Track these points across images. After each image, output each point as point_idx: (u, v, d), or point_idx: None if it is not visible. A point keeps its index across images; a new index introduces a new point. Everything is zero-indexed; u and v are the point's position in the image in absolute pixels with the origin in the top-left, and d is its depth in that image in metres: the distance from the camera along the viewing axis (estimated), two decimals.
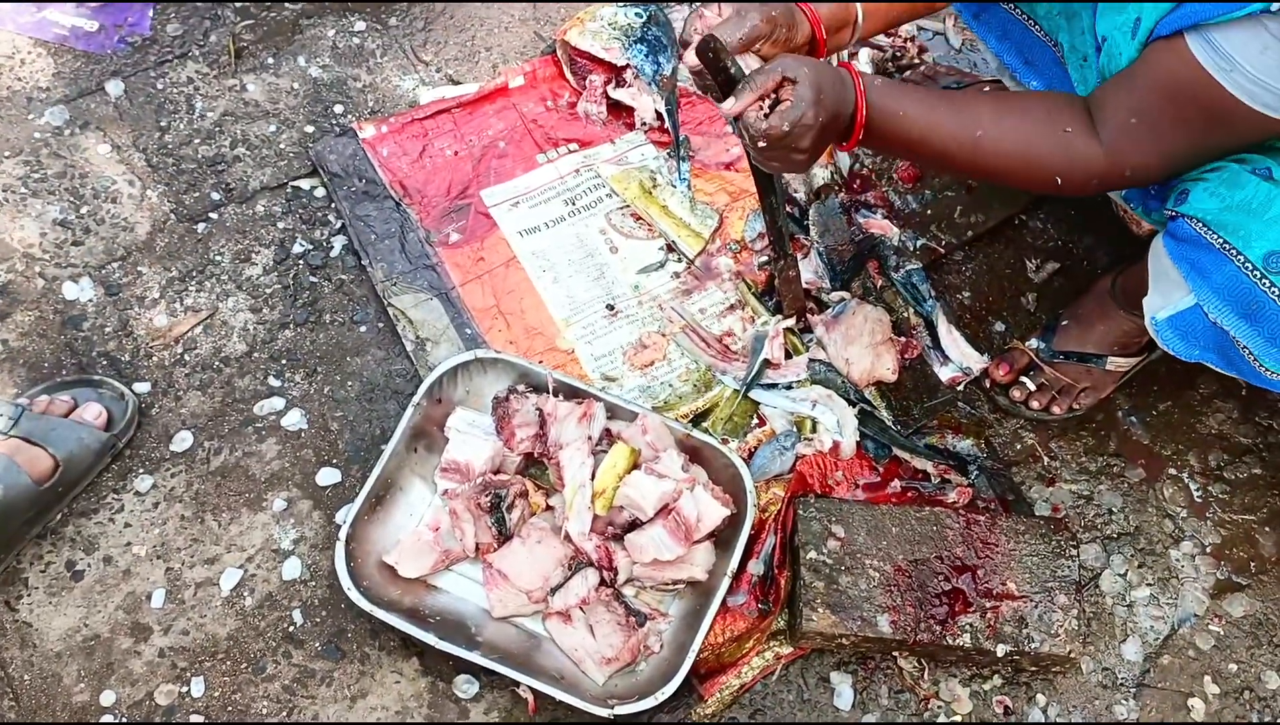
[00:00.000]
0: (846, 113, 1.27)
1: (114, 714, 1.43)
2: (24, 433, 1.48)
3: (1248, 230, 1.22)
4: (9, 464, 1.44)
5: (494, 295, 1.74)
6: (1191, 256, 1.30)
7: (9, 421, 1.48)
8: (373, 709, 1.46)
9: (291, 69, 1.94)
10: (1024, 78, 1.60)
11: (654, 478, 1.48)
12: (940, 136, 1.31)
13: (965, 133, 1.29)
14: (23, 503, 1.45)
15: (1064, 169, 1.28)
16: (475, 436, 1.56)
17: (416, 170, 1.84)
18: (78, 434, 1.51)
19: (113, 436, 1.55)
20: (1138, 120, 1.23)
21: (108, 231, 1.76)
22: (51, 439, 1.49)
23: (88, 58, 1.91)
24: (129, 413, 1.57)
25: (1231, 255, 1.24)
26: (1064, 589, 1.48)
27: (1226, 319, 1.27)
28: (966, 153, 1.30)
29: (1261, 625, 1.58)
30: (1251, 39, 1.09)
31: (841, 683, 1.50)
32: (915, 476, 1.64)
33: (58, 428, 1.50)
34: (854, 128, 1.28)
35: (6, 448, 1.46)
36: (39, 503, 1.48)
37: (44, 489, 1.47)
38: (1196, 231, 1.28)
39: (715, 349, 1.70)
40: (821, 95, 1.22)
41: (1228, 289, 1.26)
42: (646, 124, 1.90)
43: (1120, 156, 1.26)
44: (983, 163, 1.32)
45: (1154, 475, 1.68)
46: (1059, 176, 1.29)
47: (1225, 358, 1.35)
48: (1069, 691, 1.52)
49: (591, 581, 1.47)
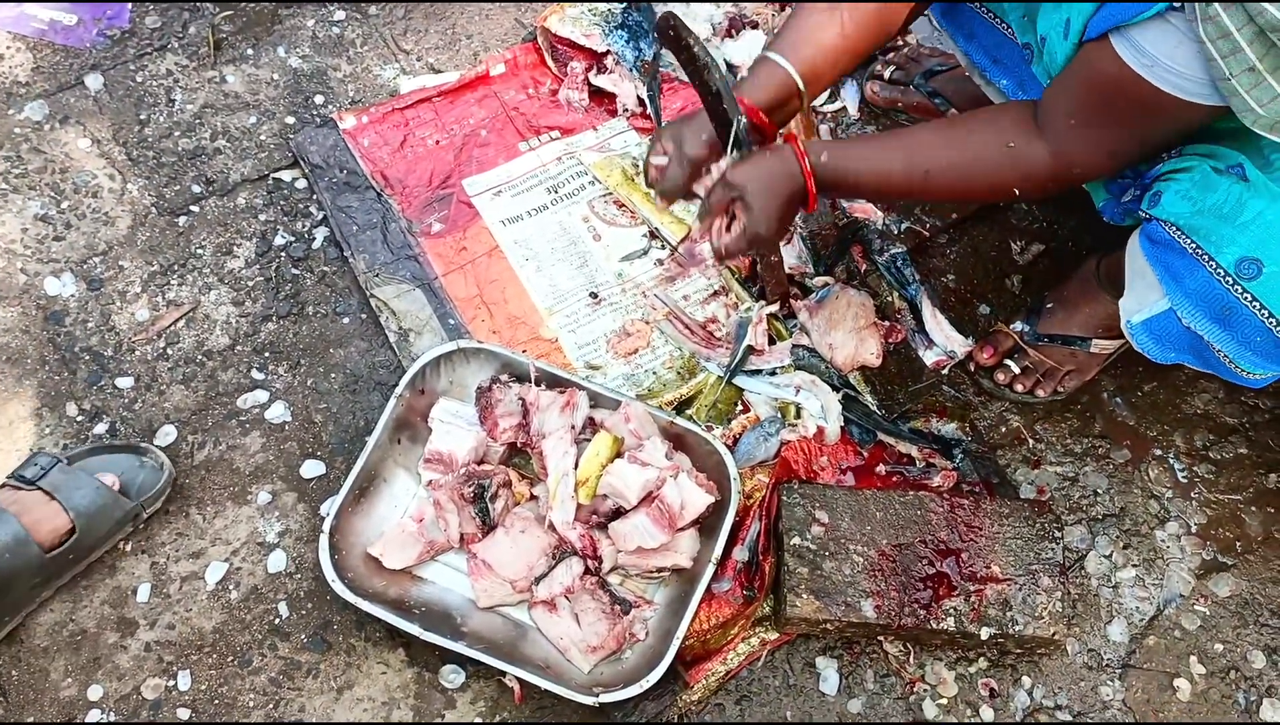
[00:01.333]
0: (798, 192, 1.38)
1: (101, 708, 1.44)
2: (50, 486, 1.43)
3: (1219, 235, 1.23)
4: (18, 529, 1.39)
5: (477, 285, 1.73)
6: (1166, 260, 1.31)
7: (40, 471, 1.44)
8: (359, 700, 1.46)
9: (271, 60, 1.93)
10: (993, 76, 1.61)
11: (637, 466, 1.47)
12: (893, 182, 1.40)
13: (916, 171, 1.37)
14: (30, 570, 1.41)
15: (1016, 180, 1.33)
16: (458, 427, 1.56)
17: (398, 160, 1.83)
18: (103, 500, 1.46)
19: (137, 505, 1.50)
20: (1076, 120, 1.26)
21: (89, 226, 1.76)
22: (74, 501, 1.43)
23: (66, 52, 1.90)
24: (161, 483, 1.52)
25: (1204, 261, 1.25)
26: (1048, 571, 1.48)
27: (1200, 324, 1.28)
28: (919, 189, 1.41)
29: (1247, 605, 1.58)
30: (1164, 36, 1.12)
31: (827, 667, 1.51)
32: (900, 461, 1.64)
33: (84, 488, 1.45)
34: (808, 200, 1.39)
35: (22, 503, 1.41)
36: (48, 570, 1.43)
37: (54, 556, 1.42)
38: (1170, 235, 1.29)
39: (699, 336, 1.70)
40: (770, 193, 1.36)
41: (1200, 295, 1.27)
42: (628, 110, 1.90)
43: (1066, 156, 1.29)
44: (939, 194, 1.47)
45: (1139, 456, 1.68)
46: (1015, 188, 1.34)
47: (1201, 358, 1.37)
48: (1054, 673, 1.53)
49: (576, 570, 1.47)
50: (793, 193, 1.38)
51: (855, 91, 1.96)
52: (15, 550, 1.39)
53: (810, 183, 1.36)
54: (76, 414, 1.61)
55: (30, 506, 1.42)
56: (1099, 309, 1.66)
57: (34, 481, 1.44)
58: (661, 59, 1.90)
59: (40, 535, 1.41)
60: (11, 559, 1.38)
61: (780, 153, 1.36)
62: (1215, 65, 1.08)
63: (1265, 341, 1.25)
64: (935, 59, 1.93)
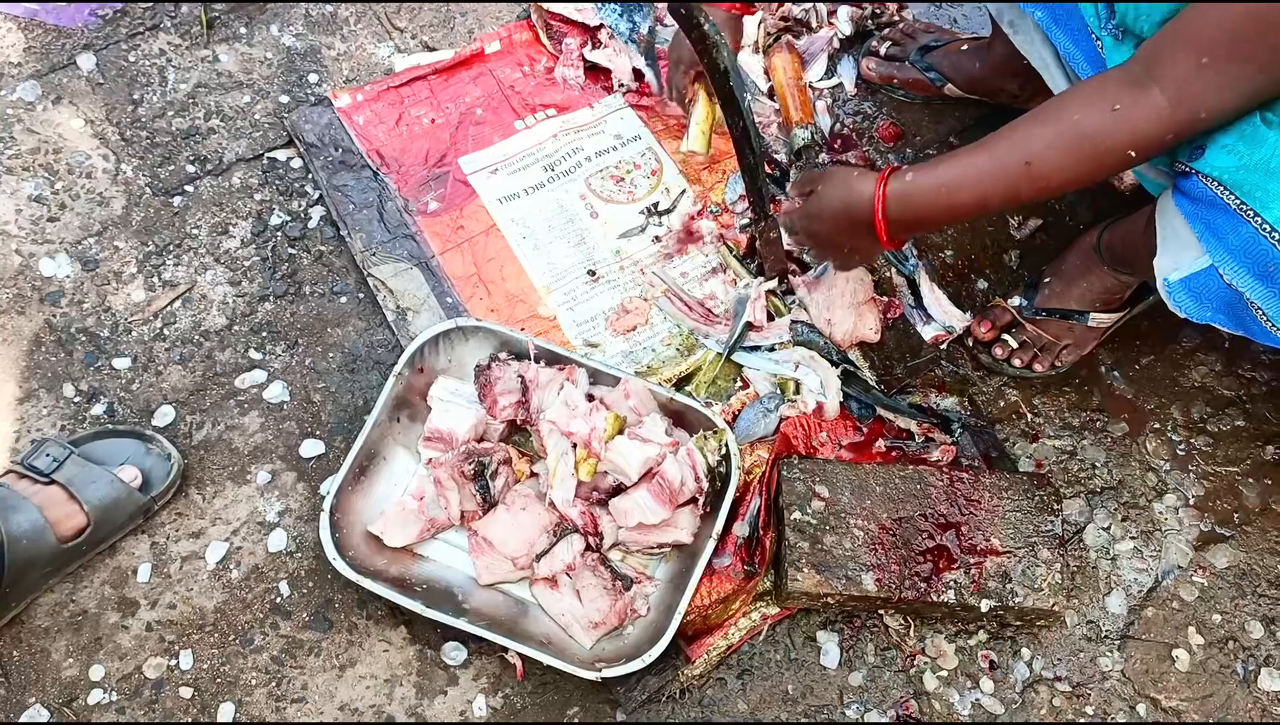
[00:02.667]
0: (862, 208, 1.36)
1: (103, 688, 1.44)
2: (65, 479, 1.44)
3: (1266, 191, 1.18)
4: (38, 519, 1.40)
5: (474, 263, 1.73)
6: (1206, 217, 1.26)
7: (53, 463, 1.44)
8: (361, 678, 1.46)
9: (265, 38, 1.92)
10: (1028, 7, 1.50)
11: (638, 442, 1.47)
12: (992, 183, 1.29)
13: (1013, 164, 1.27)
14: (44, 559, 1.41)
15: (1129, 142, 1.22)
16: (458, 405, 1.56)
17: (393, 139, 1.82)
18: (117, 493, 1.46)
19: (150, 499, 1.50)
20: (1210, 60, 1.16)
21: (83, 207, 1.75)
22: (88, 494, 1.44)
23: (58, 32, 1.89)
24: (171, 476, 1.52)
25: (1249, 217, 1.20)
26: (1047, 544, 1.48)
27: (1243, 281, 1.23)
28: (1025, 186, 1.28)
29: (1245, 576, 1.59)
30: None
31: (828, 641, 1.51)
32: (899, 436, 1.64)
33: (99, 481, 1.45)
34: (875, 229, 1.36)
35: (42, 497, 1.42)
36: (60, 560, 1.44)
37: (68, 548, 1.43)
38: (1211, 191, 1.23)
39: (697, 312, 1.70)
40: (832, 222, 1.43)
41: (1245, 251, 1.22)
42: (624, 86, 1.89)
43: (1192, 103, 1.18)
44: (1046, 184, 1.28)
45: (1137, 429, 1.68)
46: (1129, 151, 1.23)
47: (1235, 318, 1.32)
48: (1053, 645, 1.53)
49: (577, 547, 1.47)
50: (857, 211, 1.37)
51: (852, 68, 1.95)
52: (33, 539, 1.39)
53: (879, 208, 1.33)
54: (74, 395, 1.60)
55: (48, 503, 1.42)
56: (1097, 282, 1.66)
57: (49, 474, 1.43)
58: (656, 33, 1.89)
59: (58, 529, 1.42)
60: (29, 547, 1.39)
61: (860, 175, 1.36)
62: None
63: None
64: (931, 34, 1.92)
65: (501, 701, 1.46)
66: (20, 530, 1.38)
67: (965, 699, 1.49)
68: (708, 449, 1.48)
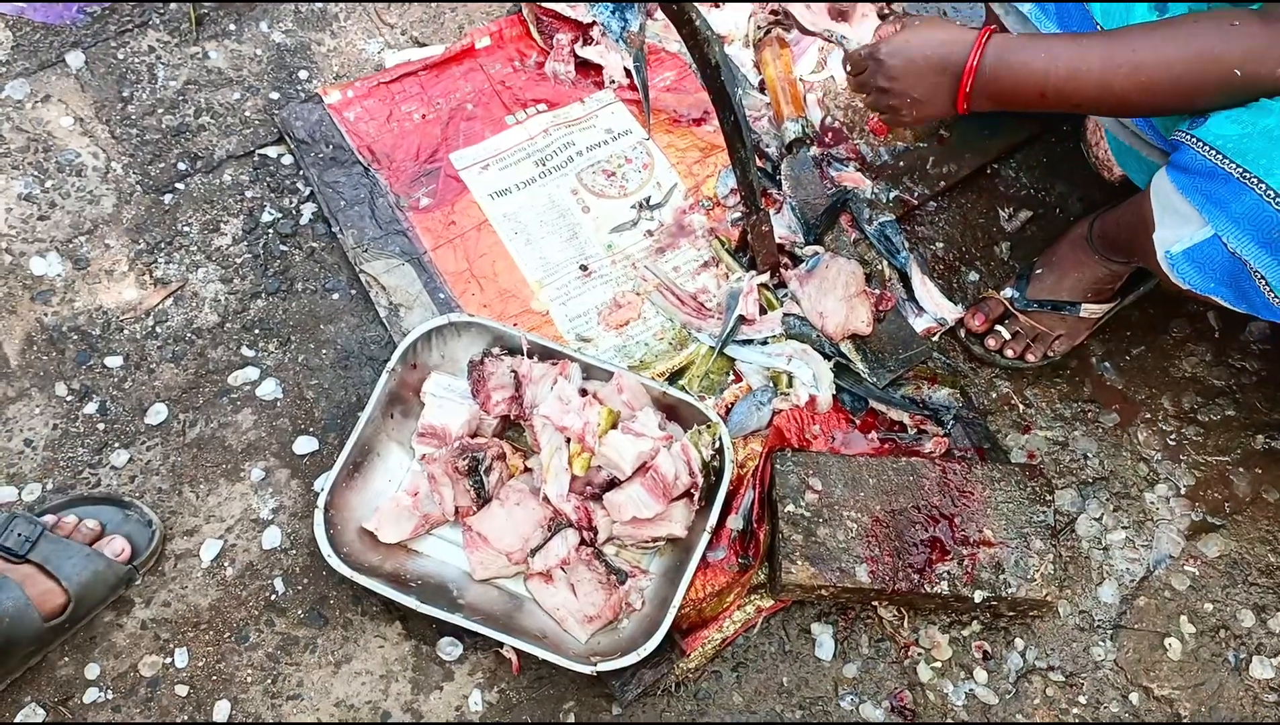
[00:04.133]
0: (953, 67, 1.35)
1: (99, 686, 1.43)
2: (40, 559, 1.39)
3: (1270, 157, 1.19)
4: (20, 596, 1.35)
5: (466, 259, 1.73)
6: (1205, 188, 1.26)
7: (25, 543, 1.39)
8: (357, 674, 1.46)
9: (254, 35, 1.92)
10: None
11: (631, 437, 1.48)
12: (1090, 70, 1.29)
13: (1121, 60, 1.27)
14: (28, 638, 1.38)
15: (1240, 58, 1.21)
16: (451, 401, 1.56)
17: (384, 135, 1.82)
18: (95, 567, 1.42)
19: (131, 568, 1.46)
20: None
21: (73, 205, 1.74)
22: (66, 571, 1.39)
23: (46, 29, 1.88)
24: (154, 543, 1.48)
25: (1252, 184, 1.20)
26: (1040, 534, 1.49)
27: (1247, 249, 1.24)
28: (1123, 84, 1.28)
29: (1236, 565, 1.60)
30: None
31: (822, 633, 1.52)
32: (892, 428, 1.65)
33: (75, 557, 1.41)
34: (959, 87, 1.36)
35: (19, 575, 1.37)
36: (44, 639, 1.40)
37: (51, 627, 1.39)
38: (1211, 162, 1.24)
39: (690, 306, 1.70)
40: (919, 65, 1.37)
41: (1249, 218, 1.23)
42: (616, 82, 1.89)
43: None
44: (1145, 82, 1.27)
45: (1128, 420, 1.69)
46: (1237, 69, 1.22)
47: (1237, 290, 1.32)
48: (1047, 635, 1.54)
49: (571, 541, 1.47)
50: (949, 52, 1.34)
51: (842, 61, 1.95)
52: (16, 617, 1.35)
53: (974, 55, 1.32)
54: (66, 394, 1.60)
55: (26, 580, 1.38)
56: (1088, 273, 1.67)
57: (22, 554, 1.39)
58: (647, 29, 1.89)
59: (39, 607, 1.38)
60: (13, 625, 1.35)
61: (959, 27, 1.33)
62: None
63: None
64: None
65: (497, 696, 1.46)
66: (3, 609, 1.34)
67: (959, 690, 1.50)
68: (702, 443, 1.49)
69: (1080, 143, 1.85)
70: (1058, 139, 1.88)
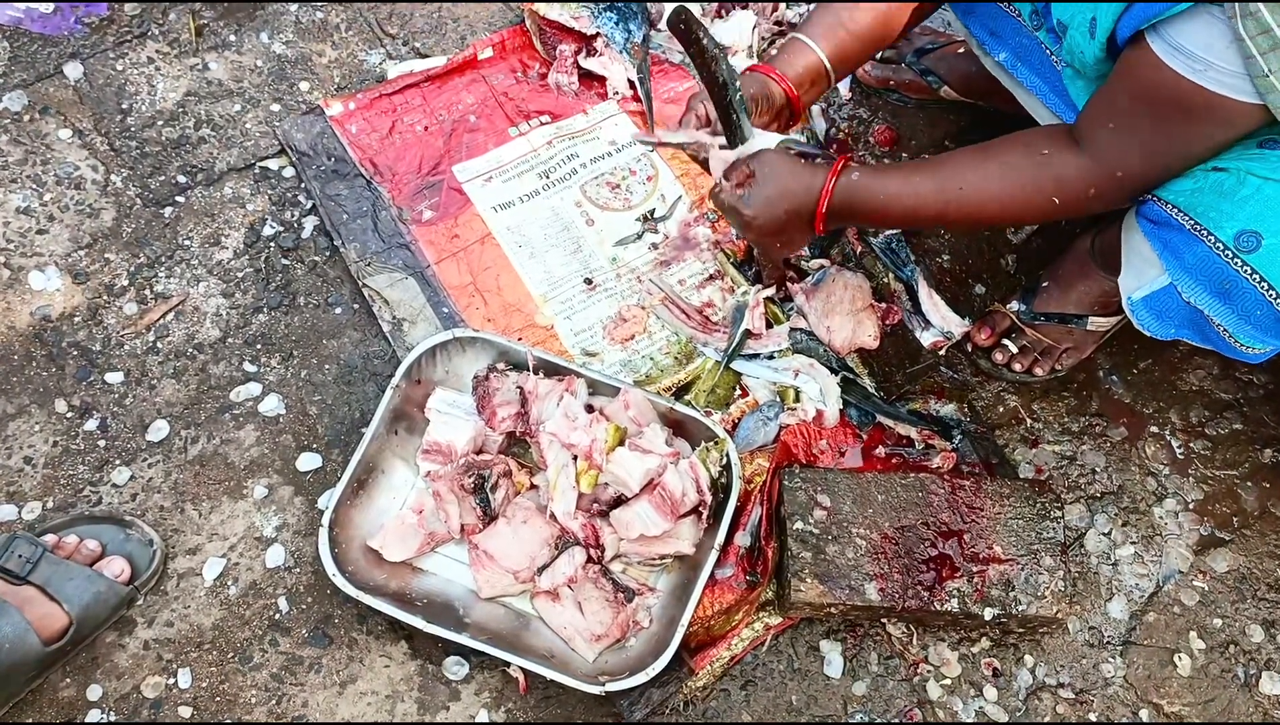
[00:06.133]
0: (805, 204, 1.38)
1: (101, 708, 1.42)
2: (41, 581, 1.37)
3: (1219, 211, 1.23)
4: (20, 621, 1.34)
5: (470, 272, 1.71)
6: (1164, 236, 1.31)
7: (26, 564, 1.38)
8: (362, 694, 1.45)
9: (254, 46, 1.90)
10: (992, 50, 1.58)
11: (638, 453, 1.46)
12: (926, 200, 1.36)
13: (949, 187, 1.34)
14: (29, 663, 1.36)
15: (1054, 189, 1.30)
16: (456, 417, 1.54)
17: (386, 147, 1.81)
18: (96, 588, 1.41)
19: (133, 589, 1.45)
20: (1116, 125, 1.24)
21: (73, 219, 1.72)
22: (67, 593, 1.38)
23: (44, 40, 1.87)
24: (154, 563, 1.47)
25: (1203, 236, 1.25)
26: (1049, 551, 1.48)
27: (1200, 298, 1.28)
28: (955, 207, 1.35)
29: (1245, 580, 1.59)
30: (1202, 29, 1.09)
31: (831, 651, 1.51)
32: (899, 442, 1.64)
33: (76, 579, 1.40)
34: (814, 218, 1.39)
35: (20, 597, 1.36)
36: (45, 663, 1.38)
37: (52, 650, 1.37)
38: (1168, 213, 1.28)
39: (695, 321, 1.69)
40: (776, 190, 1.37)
41: (1200, 269, 1.27)
42: (619, 93, 1.88)
43: (1106, 163, 1.26)
44: (974, 211, 1.35)
45: (1136, 434, 1.68)
46: (1054, 197, 1.30)
47: (1200, 333, 1.37)
48: (1056, 651, 1.53)
49: (578, 559, 1.46)
50: (799, 202, 1.38)
51: None
52: (15, 643, 1.34)
53: (823, 201, 1.37)
54: (66, 410, 1.58)
55: (26, 603, 1.37)
56: (1094, 286, 1.66)
57: (23, 576, 1.37)
58: (651, 40, 1.88)
59: (40, 631, 1.37)
60: (12, 651, 1.34)
61: (804, 167, 1.38)
62: (1254, 62, 1.06)
63: (1265, 315, 1.25)
64: (926, 37, 1.92)
65: (504, 716, 1.45)
66: (3, 635, 1.33)
67: (969, 707, 1.49)
68: (710, 460, 1.47)
69: None
70: None
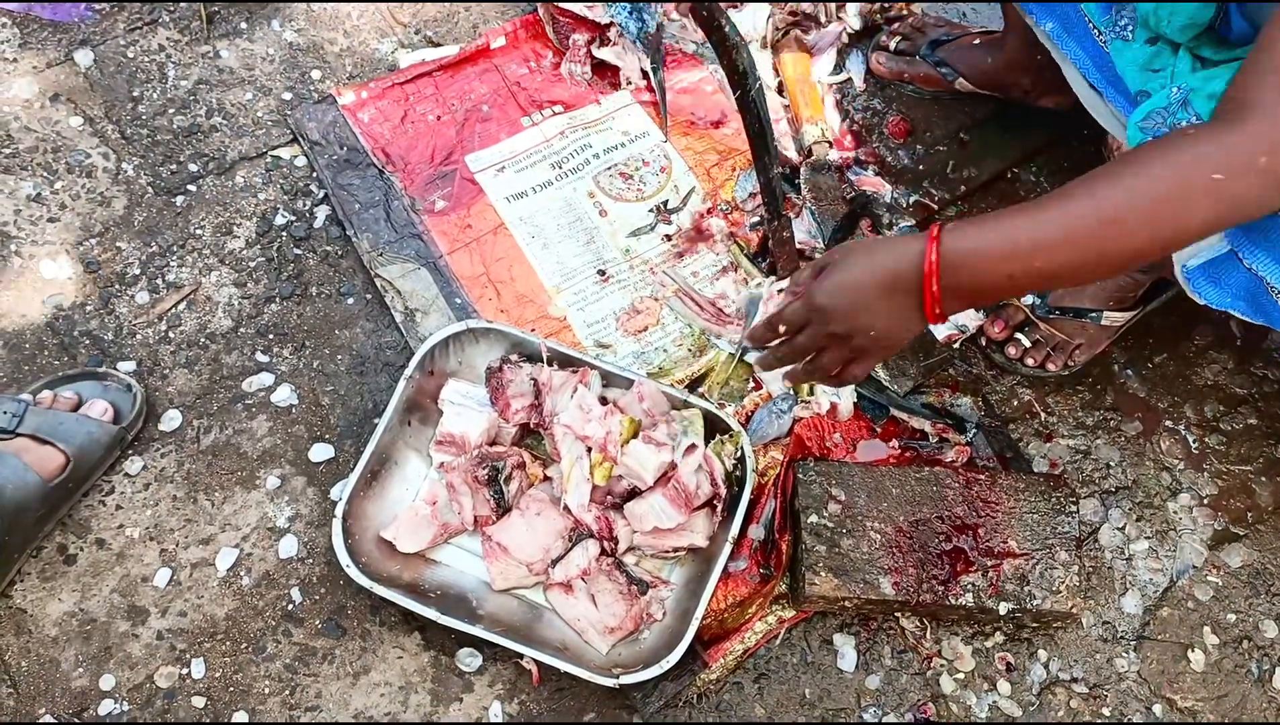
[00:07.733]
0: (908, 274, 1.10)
1: (114, 698, 1.42)
2: (31, 429, 1.44)
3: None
4: (17, 464, 1.40)
5: (483, 263, 1.71)
6: None
7: (13, 418, 1.44)
8: (376, 685, 1.45)
9: (266, 34, 1.89)
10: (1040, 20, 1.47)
11: (653, 446, 1.46)
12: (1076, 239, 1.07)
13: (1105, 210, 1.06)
14: (34, 501, 1.41)
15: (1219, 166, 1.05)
16: (470, 408, 1.54)
17: (399, 136, 1.80)
18: (86, 428, 1.47)
19: (122, 429, 1.51)
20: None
21: (84, 207, 1.72)
22: (60, 434, 1.45)
23: (54, 27, 1.86)
24: (136, 405, 1.53)
25: None
26: (1064, 545, 1.48)
27: (1263, 265, 1.21)
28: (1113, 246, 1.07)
29: (1259, 575, 1.59)
30: None
31: (845, 644, 1.50)
32: (913, 436, 1.63)
33: (65, 422, 1.46)
34: (924, 305, 1.11)
35: (13, 447, 1.42)
36: (50, 499, 1.44)
37: (55, 485, 1.43)
38: None
39: (709, 312, 1.68)
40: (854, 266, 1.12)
41: (1263, 230, 1.19)
42: (632, 83, 1.87)
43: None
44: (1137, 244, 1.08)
45: (1150, 428, 1.68)
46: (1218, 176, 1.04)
47: (1255, 305, 1.29)
48: (1070, 646, 1.53)
49: (592, 552, 1.46)
50: (890, 275, 1.11)
51: (861, 63, 1.93)
52: (17, 483, 1.40)
53: (932, 254, 1.07)
54: None
55: (21, 450, 1.42)
56: (1109, 280, 1.65)
57: (12, 430, 1.43)
58: (665, 30, 1.87)
59: (39, 470, 1.42)
60: (15, 491, 1.39)
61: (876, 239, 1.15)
62: None
63: None
64: (941, 29, 1.90)
65: (518, 708, 1.45)
66: (3, 478, 1.38)
67: (982, 701, 1.49)
68: (724, 453, 1.47)
69: (1102, 147, 1.83)
70: (1079, 143, 1.86)
